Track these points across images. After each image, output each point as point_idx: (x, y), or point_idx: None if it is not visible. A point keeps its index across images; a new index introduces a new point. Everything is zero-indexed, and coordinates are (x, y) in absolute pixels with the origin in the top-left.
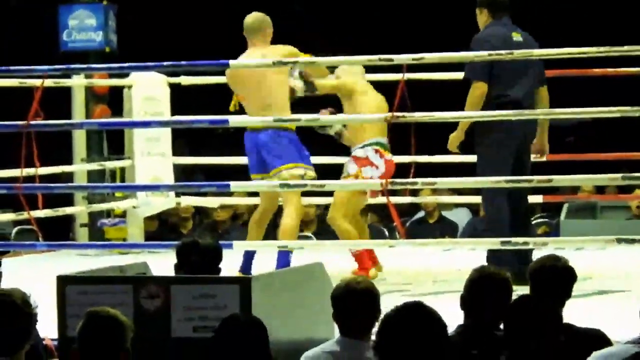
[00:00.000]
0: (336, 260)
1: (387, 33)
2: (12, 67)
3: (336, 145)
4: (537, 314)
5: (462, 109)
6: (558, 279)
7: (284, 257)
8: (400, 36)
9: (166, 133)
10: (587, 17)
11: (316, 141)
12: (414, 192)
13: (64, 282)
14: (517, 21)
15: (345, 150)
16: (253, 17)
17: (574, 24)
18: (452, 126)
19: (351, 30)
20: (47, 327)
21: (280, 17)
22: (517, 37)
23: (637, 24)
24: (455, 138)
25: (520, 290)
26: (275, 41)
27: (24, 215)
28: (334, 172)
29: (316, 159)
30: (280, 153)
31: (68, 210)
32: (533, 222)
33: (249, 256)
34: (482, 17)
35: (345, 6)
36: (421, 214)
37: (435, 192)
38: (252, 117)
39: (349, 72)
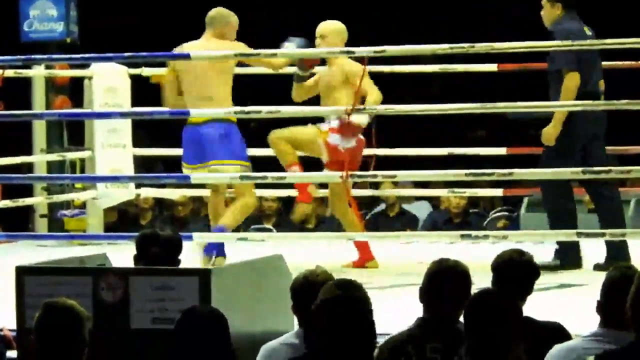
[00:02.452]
0: (296, 253)
1: (349, 25)
2: None
3: None
4: (497, 307)
5: (422, 102)
6: (521, 273)
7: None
8: (361, 28)
9: (126, 124)
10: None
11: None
12: (375, 185)
13: (23, 273)
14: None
15: None
16: (215, 11)
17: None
18: (413, 119)
19: (313, 22)
20: (6, 318)
21: (246, 8)
22: (588, 30)
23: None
24: (552, 133)
25: None
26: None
27: None
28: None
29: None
30: (221, 147)
31: (27, 201)
32: (493, 216)
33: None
34: (555, 11)
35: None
36: (382, 206)
37: (396, 185)
38: (212, 109)
39: None
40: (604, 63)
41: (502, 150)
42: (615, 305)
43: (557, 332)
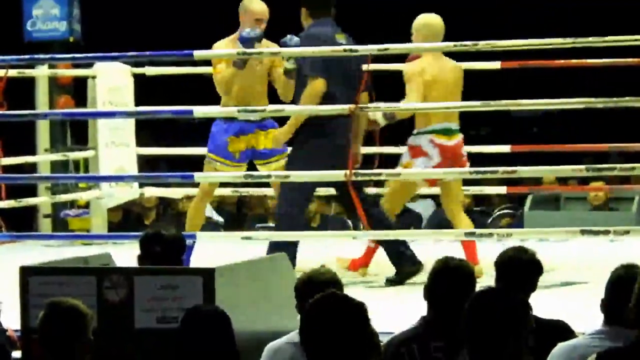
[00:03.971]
0: (300, 252)
1: (353, 24)
2: None
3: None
4: (502, 307)
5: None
6: (524, 271)
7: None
8: (365, 27)
9: (130, 123)
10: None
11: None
12: (379, 184)
13: (27, 273)
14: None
15: None
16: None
17: (544, 16)
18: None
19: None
20: (10, 318)
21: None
22: (340, 38)
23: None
24: (282, 138)
25: None
26: None
27: None
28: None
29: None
30: (209, 141)
31: (31, 200)
32: (497, 214)
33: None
34: (307, 17)
35: None
36: None
37: None
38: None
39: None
40: (606, 60)
41: (506, 148)
42: (619, 303)
43: (561, 330)
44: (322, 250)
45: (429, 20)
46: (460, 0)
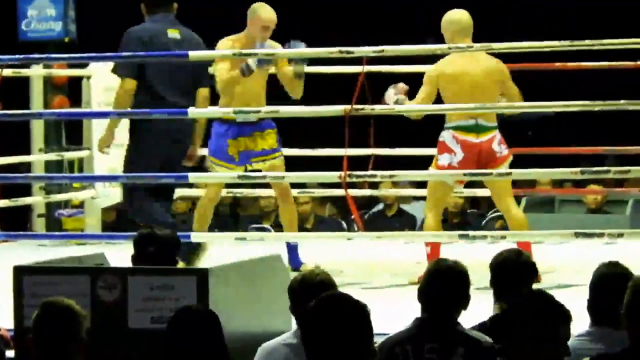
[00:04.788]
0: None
1: (348, 25)
2: None
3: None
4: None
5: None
6: (518, 273)
7: None
8: (360, 28)
9: (124, 124)
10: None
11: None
12: (373, 185)
13: (21, 273)
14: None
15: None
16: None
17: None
18: (412, 119)
19: (311, 21)
20: (4, 318)
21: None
22: (173, 33)
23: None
24: (104, 140)
25: None
26: None
27: None
28: (296, 163)
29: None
30: (210, 144)
31: (25, 200)
32: (491, 216)
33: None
34: (144, 13)
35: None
36: (380, 206)
37: (396, 185)
38: (215, 108)
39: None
40: (603, 63)
41: None
42: (604, 303)
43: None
44: (316, 251)
45: (453, 17)
46: (457, 2)
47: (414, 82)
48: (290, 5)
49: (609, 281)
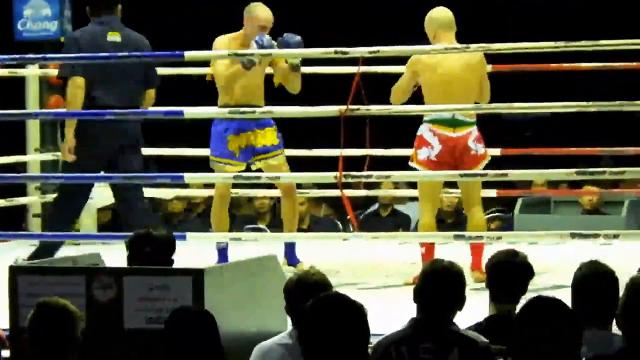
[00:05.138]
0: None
1: (343, 26)
2: None
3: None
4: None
5: (417, 104)
6: (515, 274)
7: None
8: (356, 29)
9: None
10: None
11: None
12: (369, 185)
13: (16, 273)
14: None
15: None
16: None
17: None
18: (407, 120)
19: (307, 22)
20: None
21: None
22: (113, 36)
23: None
24: (66, 147)
25: None
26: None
27: None
28: (292, 163)
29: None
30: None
31: (21, 200)
32: (487, 217)
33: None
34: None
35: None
36: (374, 207)
37: (397, 185)
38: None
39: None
40: (599, 64)
41: (496, 151)
42: (586, 303)
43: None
44: (312, 252)
45: (434, 14)
46: (456, 2)
47: None
48: (289, 5)
49: (590, 281)
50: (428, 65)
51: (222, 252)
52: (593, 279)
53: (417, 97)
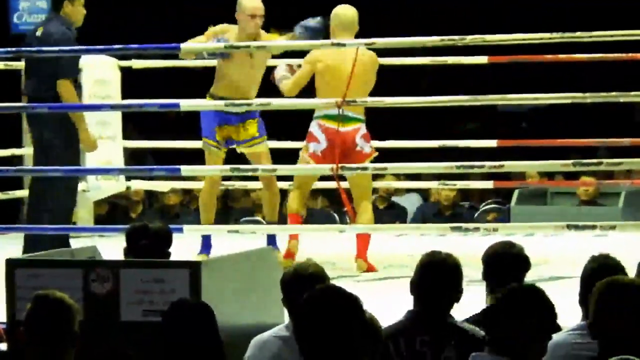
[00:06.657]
0: (286, 244)
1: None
2: None
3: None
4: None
5: (413, 94)
6: (511, 266)
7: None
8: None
9: (116, 117)
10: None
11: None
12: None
13: (13, 266)
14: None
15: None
16: None
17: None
18: (404, 111)
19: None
20: None
21: None
22: (39, 31)
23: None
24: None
25: None
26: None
27: None
28: (286, 156)
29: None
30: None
31: (18, 193)
32: (483, 208)
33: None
34: None
35: None
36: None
37: (399, 177)
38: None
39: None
40: (594, 55)
41: (492, 143)
42: None
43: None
44: (308, 244)
45: (337, 11)
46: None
47: (405, 74)
48: (288, 4)
49: (599, 274)
50: (325, 66)
51: (206, 239)
52: (603, 272)
53: (416, 91)
